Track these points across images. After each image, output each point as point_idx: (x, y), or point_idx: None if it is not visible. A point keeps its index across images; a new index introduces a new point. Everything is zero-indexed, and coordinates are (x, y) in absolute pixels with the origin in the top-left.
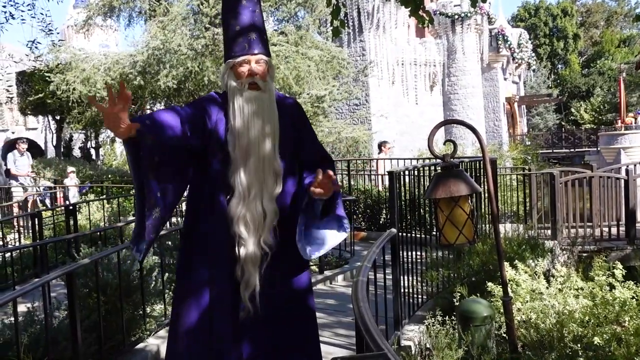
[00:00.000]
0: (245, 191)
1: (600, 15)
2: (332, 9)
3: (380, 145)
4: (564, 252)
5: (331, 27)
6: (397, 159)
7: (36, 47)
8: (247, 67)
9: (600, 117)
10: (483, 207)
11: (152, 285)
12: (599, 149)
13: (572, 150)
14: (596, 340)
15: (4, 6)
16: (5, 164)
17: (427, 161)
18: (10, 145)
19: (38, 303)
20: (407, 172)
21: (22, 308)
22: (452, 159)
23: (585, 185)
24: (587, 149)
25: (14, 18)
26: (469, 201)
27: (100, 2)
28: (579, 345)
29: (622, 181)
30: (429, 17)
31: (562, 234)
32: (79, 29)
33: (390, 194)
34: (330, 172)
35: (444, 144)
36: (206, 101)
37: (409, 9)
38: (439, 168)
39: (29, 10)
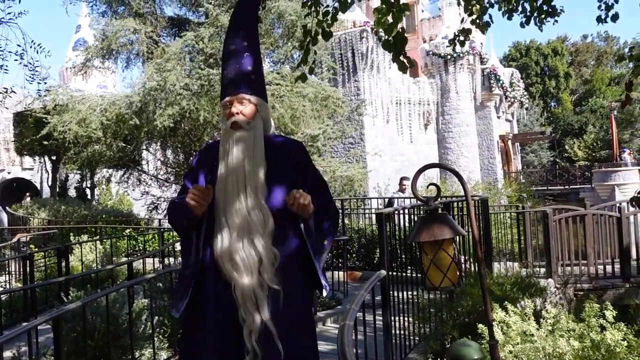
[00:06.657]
0: (227, 231)
1: (590, 55)
2: (303, 53)
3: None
4: (558, 291)
5: (301, 71)
6: (390, 197)
7: (9, 96)
8: (230, 108)
9: (593, 154)
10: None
11: (142, 329)
12: (593, 185)
13: (567, 187)
14: None
15: None
16: None
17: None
18: (6, 186)
19: (25, 348)
20: (396, 213)
21: (7, 354)
22: (436, 202)
23: (580, 222)
24: (581, 186)
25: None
26: (453, 244)
27: (99, 45)
28: None
29: (615, 219)
30: (410, 64)
31: (557, 272)
32: (77, 70)
33: (380, 235)
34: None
35: (427, 187)
36: (197, 160)
37: (392, 54)
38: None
39: (15, 60)
